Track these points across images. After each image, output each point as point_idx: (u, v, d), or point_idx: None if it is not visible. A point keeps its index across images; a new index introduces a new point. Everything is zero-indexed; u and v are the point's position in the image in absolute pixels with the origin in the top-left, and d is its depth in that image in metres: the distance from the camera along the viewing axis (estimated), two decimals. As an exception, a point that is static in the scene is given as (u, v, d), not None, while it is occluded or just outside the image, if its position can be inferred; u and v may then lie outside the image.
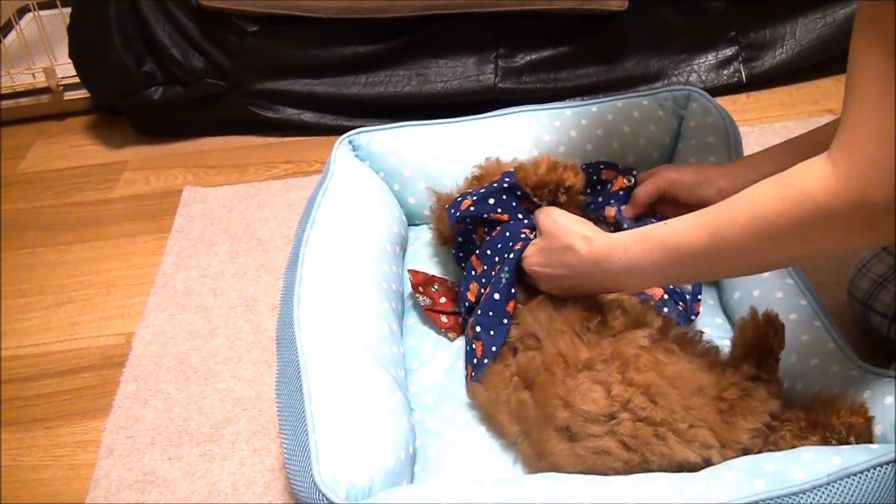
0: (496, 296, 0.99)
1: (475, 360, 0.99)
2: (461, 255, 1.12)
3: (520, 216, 1.07)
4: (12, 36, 1.93)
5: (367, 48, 1.66)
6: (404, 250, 1.27)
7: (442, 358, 1.08)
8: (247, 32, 1.63)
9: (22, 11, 1.95)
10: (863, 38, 0.64)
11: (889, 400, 0.78)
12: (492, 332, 0.98)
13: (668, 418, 0.77)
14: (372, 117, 1.69)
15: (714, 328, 1.07)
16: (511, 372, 0.94)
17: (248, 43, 1.65)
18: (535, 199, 1.05)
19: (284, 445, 0.86)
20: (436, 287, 1.17)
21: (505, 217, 1.07)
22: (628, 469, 0.80)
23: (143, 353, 1.25)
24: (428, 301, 1.14)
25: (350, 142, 1.32)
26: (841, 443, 0.78)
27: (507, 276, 0.98)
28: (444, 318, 1.12)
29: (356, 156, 1.32)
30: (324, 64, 1.67)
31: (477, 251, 1.08)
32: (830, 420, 0.79)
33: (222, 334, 1.27)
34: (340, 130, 1.71)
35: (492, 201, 1.08)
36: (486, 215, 1.07)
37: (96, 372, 1.23)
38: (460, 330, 1.11)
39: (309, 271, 1.06)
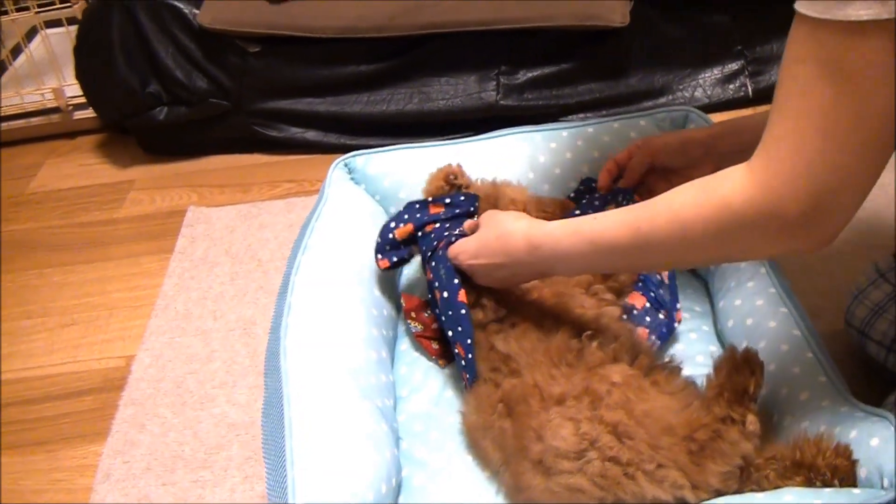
0: (445, 294, 1.00)
1: (463, 362, 0.99)
2: None
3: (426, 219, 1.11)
4: (22, 58, 1.96)
5: (368, 67, 1.67)
6: (400, 274, 1.27)
7: (432, 385, 1.08)
8: (249, 53, 1.64)
9: (31, 33, 1.98)
10: (790, 53, 0.64)
11: (875, 442, 0.77)
12: (459, 328, 0.98)
13: (635, 458, 0.77)
14: (375, 135, 1.69)
15: (707, 356, 1.06)
16: (497, 398, 0.94)
17: (251, 63, 1.66)
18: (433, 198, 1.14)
19: (266, 479, 0.86)
20: (429, 312, 1.17)
21: (410, 227, 1.11)
22: (604, 508, 0.79)
23: (141, 376, 1.26)
24: (419, 327, 1.14)
25: (346, 164, 1.33)
26: (825, 485, 0.77)
27: (445, 270, 1.00)
28: (434, 345, 1.12)
29: (352, 178, 1.33)
30: (325, 83, 1.68)
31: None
32: (815, 461, 0.77)
33: (219, 357, 1.28)
34: (343, 149, 1.73)
35: (392, 224, 1.12)
36: (391, 236, 1.11)
37: (97, 395, 1.25)
38: (451, 357, 1.11)
39: (298, 299, 1.06)
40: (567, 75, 1.66)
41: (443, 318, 1.02)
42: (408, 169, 1.31)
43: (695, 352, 1.07)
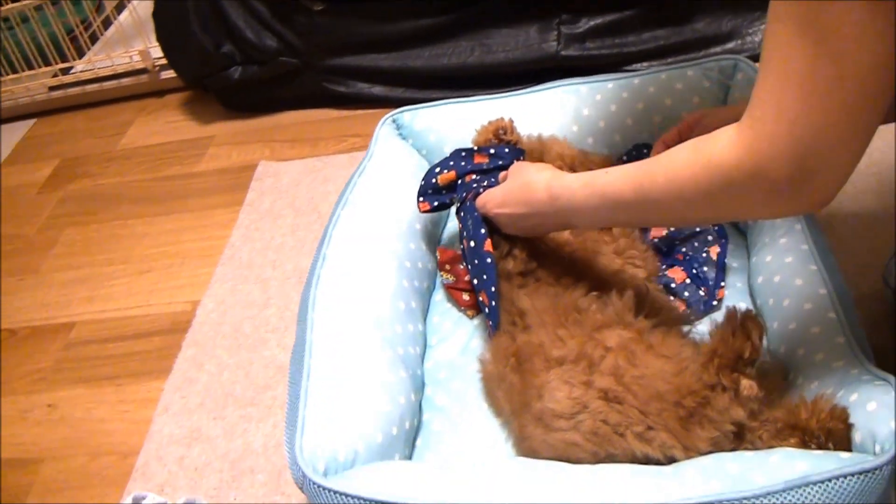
0: (472, 243, 1.02)
1: (486, 310, 1.01)
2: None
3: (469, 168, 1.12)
4: (112, 29, 2.10)
5: (429, 21, 1.68)
6: (442, 226, 1.30)
7: (460, 335, 1.12)
8: (313, 12, 1.69)
9: (120, 7, 2.11)
10: (772, 12, 0.62)
11: (872, 406, 0.74)
12: (484, 276, 1.00)
13: (624, 421, 0.78)
14: (437, 88, 1.71)
15: (736, 313, 1.04)
16: (511, 351, 0.96)
17: (316, 22, 1.70)
18: (478, 148, 1.15)
19: (285, 419, 0.93)
20: (464, 264, 1.20)
21: (452, 175, 1.13)
22: (597, 459, 0.81)
23: (204, 320, 1.36)
24: (451, 279, 1.17)
25: (394, 120, 1.36)
26: (819, 447, 0.75)
27: (472, 220, 1.02)
28: (465, 296, 1.15)
29: (399, 134, 1.36)
30: (388, 39, 1.70)
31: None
32: (809, 423, 0.76)
33: (274, 304, 1.35)
34: (408, 102, 1.75)
35: (437, 169, 1.14)
36: (434, 181, 1.13)
37: (164, 336, 1.36)
38: (480, 308, 1.14)
39: (333, 251, 1.11)
40: (630, 22, 1.61)
41: (469, 267, 1.04)
42: (453, 124, 1.33)
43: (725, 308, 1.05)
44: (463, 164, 1.14)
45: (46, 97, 2.09)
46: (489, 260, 1.00)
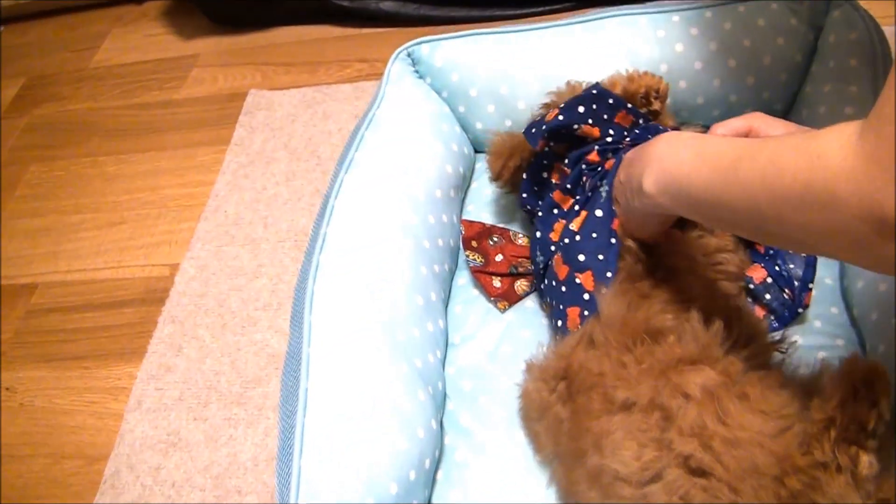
0: (598, 212, 0.80)
1: (586, 296, 0.78)
2: (527, 195, 0.93)
3: (611, 132, 0.86)
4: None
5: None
6: (465, 190, 1.09)
7: (489, 334, 0.92)
8: None
9: None
10: None
11: None
12: (600, 257, 0.78)
13: (710, 501, 0.59)
14: (458, 5, 1.46)
15: (826, 322, 0.85)
16: (560, 371, 0.76)
17: (315, -79, 1.43)
18: (630, 107, 0.87)
19: (276, 464, 0.74)
20: (494, 240, 0.99)
21: (596, 132, 0.87)
22: (670, 546, 0.63)
23: (184, 289, 1.17)
24: (479, 261, 0.97)
25: (409, 54, 1.12)
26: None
27: (608, 187, 0.80)
28: (496, 283, 0.96)
29: (415, 71, 1.12)
30: (401, -57, 1.44)
31: (559, 185, 0.88)
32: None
33: (266, 273, 1.16)
34: (424, 21, 1.51)
35: (581, 109, 0.88)
36: (576, 127, 0.87)
37: (137, 307, 1.17)
38: (514, 298, 0.94)
39: (335, 229, 0.91)
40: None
41: (576, 238, 0.81)
42: (481, 60, 1.08)
43: (812, 314, 0.85)
44: (606, 117, 0.89)
45: (14, 2, 1.83)
46: (613, 240, 0.78)
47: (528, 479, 0.79)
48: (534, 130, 0.89)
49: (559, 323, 0.81)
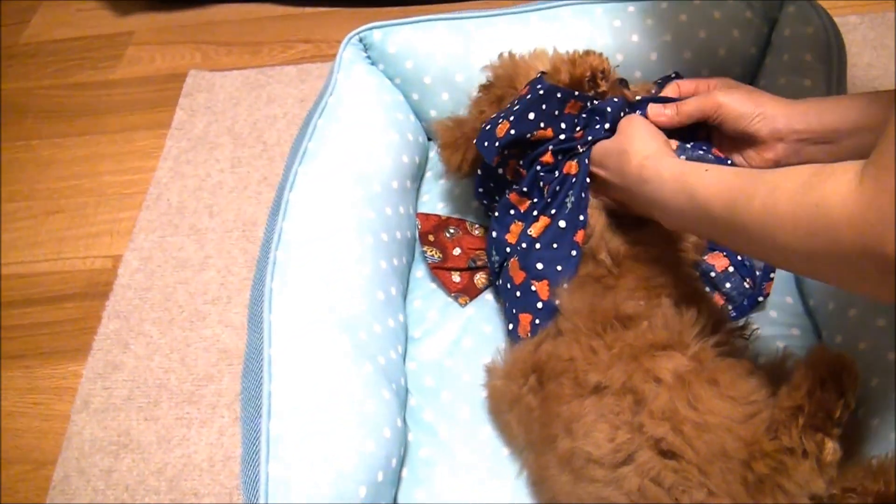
0: (561, 223, 0.80)
1: (539, 304, 0.78)
2: (483, 190, 0.92)
3: (563, 126, 0.85)
4: None
5: None
6: (420, 180, 1.07)
7: (449, 329, 0.92)
8: None
9: None
10: None
11: None
12: (559, 268, 0.78)
13: (681, 482, 0.61)
14: (407, -14, 1.43)
15: (781, 311, 0.88)
16: (531, 364, 0.77)
17: None
18: (578, 94, 0.85)
19: (241, 469, 0.73)
20: (451, 232, 0.99)
21: (549, 132, 0.85)
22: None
23: (128, 282, 1.12)
24: (437, 257, 0.96)
25: (360, 39, 1.09)
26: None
27: (574, 199, 0.79)
28: (455, 278, 0.95)
29: (368, 58, 1.10)
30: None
31: (516, 185, 0.87)
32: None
33: (214, 265, 1.12)
34: (370, 2, 1.47)
35: (532, 116, 0.85)
36: (529, 135, 0.85)
37: (79, 302, 1.12)
38: (474, 292, 0.94)
39: (291, 224, 0.88)
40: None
41: (536, 246, 0.81)
42: (436, 47, 1.07)
43: (768, 303, 0.88)
44: (556, 113, 0.85)
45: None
46: (574, 252, 0.78)
47: (493, 476, 0.79)
48: (486, 144, 0.86)
49: (510, 326, 0.81)
